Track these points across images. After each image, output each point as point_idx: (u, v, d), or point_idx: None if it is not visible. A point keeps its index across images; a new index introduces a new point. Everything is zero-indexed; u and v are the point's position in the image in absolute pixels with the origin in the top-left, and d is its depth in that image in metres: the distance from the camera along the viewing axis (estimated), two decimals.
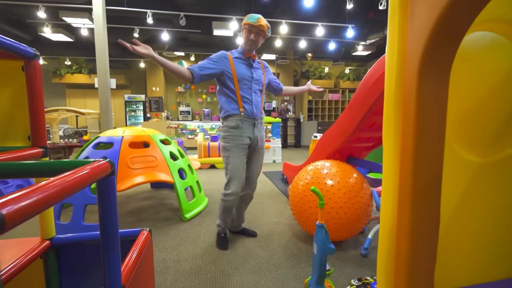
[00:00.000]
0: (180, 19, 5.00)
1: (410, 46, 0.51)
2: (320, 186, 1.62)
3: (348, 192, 1.57)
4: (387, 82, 0.59)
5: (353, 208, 1.56)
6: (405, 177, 0.56)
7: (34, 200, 0.39)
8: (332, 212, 1.56)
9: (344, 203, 1.55)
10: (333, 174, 1.65)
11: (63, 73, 8.66)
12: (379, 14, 6.06)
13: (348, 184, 1.60)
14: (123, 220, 2.28)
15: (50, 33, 6.01)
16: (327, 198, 1.58)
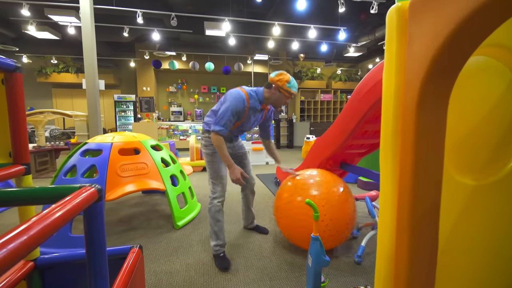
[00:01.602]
0: (171, 19, 4.91)
1: (409, 74, 0.50)
2: (304, 196, 1.60)
3: (332, 203, 1.55)
4: (384, 108, 0.58)
5: (336, 220, 1.54)
6: (403, 205, 0.55)
7: (15, 248, 0.36)
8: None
9: (324, 215, 1.52)
10: (318, 184, 1.64)
11: (49, 72, 8.39)
12: (370, 16, 6.12)
13: (333, 195, 1.58)
14: (112, 229, 2.22)
15: (34, 31, 5.79)
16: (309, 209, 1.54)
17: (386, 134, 0.58)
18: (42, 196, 0.66)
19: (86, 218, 0.67)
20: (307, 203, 1.22)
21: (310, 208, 1.50)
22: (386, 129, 0.57)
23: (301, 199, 1.59)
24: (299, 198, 1.60)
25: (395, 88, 0.52)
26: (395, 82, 0.52)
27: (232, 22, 5.40)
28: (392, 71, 0.52)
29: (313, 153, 2.17)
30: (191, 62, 7.78)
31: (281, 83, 1.57)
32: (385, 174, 0.60)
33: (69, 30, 5.65)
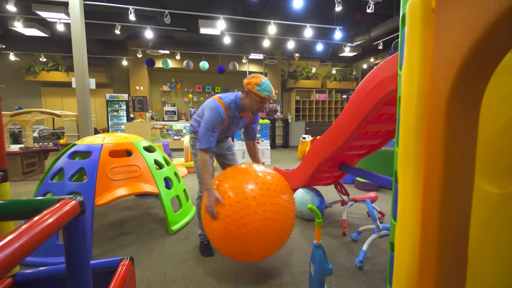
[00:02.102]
0: (164, 16, 4.79)
1: (437, 74, 0.44)
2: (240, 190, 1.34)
3: (270, 199, 1.33)
4: (405, 113, 0.51)
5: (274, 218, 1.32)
6: (429, 225, 0.49)
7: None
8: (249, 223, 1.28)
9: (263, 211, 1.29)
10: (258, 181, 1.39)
11: (37, 70, 8.14)
12: (365, 16, 6.12)
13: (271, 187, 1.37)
14: (103, 235, 2.13)
15: (22, 27, 5.59)
16: (246, 205, 1.29)
17: (407, 142, 0.51)
18: (15, 211, 0.58)
19: (66, 233, 0.59)
20: (310, 209, 1.16)
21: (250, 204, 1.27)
22: (407, 136, 0.51)
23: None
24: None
25: (418, 89, 0.46)
26: (418, 82, 0.46)
27: (227, 21, 5.30)
28: (415, 70, 0.46)
29: (312, 155, 2.12)
30: (185, 61, 7.66)
31: (250, 86, 1.47)
32: (405, 188, 0.54)
33: (58, 27, 5.47)
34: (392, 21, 5.70)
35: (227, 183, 1.42)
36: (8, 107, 8.58)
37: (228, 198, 1.36)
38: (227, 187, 1.40)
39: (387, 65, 1.34)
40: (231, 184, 1.40)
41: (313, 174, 2.19)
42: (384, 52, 7.91)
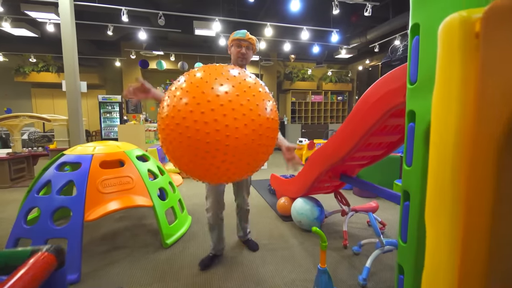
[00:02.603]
0: (158, 18, 4.67)
1: (484, 109, 0.37)
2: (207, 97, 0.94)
3: (246, 99, 0.99)
4: (436, 159, 0.44)
5: (254, 124, 0.98)
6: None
7: None
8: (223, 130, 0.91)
9: (243, 115, 0.95)
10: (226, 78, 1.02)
11: (27, 71, 7.91)
12: (362, 18, 6.09)
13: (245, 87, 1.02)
14: (94, 249, 2.02)
15: (10, 27, 5.40)
16: (220, 113, 0.92)
17: (440, 192, 0.44)
18: None
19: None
20: (314, 231, 1.08)
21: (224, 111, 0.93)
22: (439, 185, 0.44)
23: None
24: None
25: (456, 132, 0.39)
26: (456, 124, 0.39)
27: (223, 22, 5.21)
28: (452, 108, 0.39)
29: (311, 164, 2.05)
30: (180, 62, 7.53)
31: (229, 40, 1.59)
32: (437, 239, 0.47)
33: (48, 27, 5.30)
34: (388, 23, 5.69)
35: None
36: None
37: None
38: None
39: (393, 76, 1.28)
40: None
41: (312, 184, 2.12)
42: (380, 54, 7.93)
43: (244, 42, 1.52)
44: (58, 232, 1.65)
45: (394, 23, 5.52)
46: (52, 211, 1.69)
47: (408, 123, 1.11)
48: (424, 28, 1.00)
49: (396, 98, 1.26)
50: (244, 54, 1.53)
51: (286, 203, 2.57)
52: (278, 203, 2.65)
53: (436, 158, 0.47)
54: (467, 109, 0.38)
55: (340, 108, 10.13)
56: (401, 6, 5.45)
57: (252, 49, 1.57)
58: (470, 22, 0.38)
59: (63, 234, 1.64)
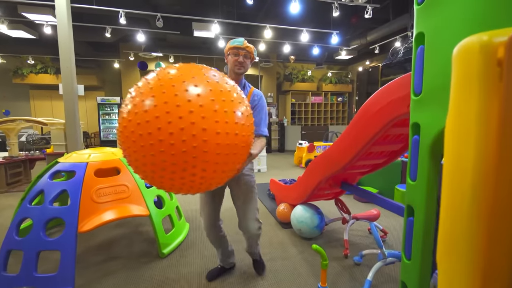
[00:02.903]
0: (157, 20, 4.63)
1: (505, 158, 0.32)
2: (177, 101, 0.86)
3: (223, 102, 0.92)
4: (451, 190, 0.40)
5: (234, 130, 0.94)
6: None
7: None
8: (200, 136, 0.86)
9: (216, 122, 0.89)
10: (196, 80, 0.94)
11: (25, 73, 7.86)
12: (362, 20, 6.05)
13: (222, 92, 0.95)
14: (90, 259, 1.97)
15: (7, 29, 5.36)
16: (191, 114, 0.85)
17: (456, 231, 0.39)
18: None
19: None
20: (315, 249, 1.04)
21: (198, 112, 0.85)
22: (455, 224, 0.39)
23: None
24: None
25: (476, 167, 0.35)
26: (477, 158, 0.34)
27: (222, 24, 5.17)
28: (471, 140, 0.35)
29: (311, 172, 2.00)
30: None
31: (225, 48, 1.51)
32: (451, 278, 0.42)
33: (46, 29, 5.25)
34: (388, 25, 5.64)
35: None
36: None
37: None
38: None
39: (397, 86, 1.24)
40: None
41: (312, 192, 2.08)
42: (380, 56, 7.88)
43: (242, 50, 1.44)
44: (50, 244, 1.60)
45: (394, 25, 5.48)
46: (45, 222, 1.64)
47: (413, 136, 1.06)
48: (429, 38, 0.96)
49: (399, 109, 1.21)
50: (242, 63, 1.44)
51: (286, 209, 2.52)
52: (278, 210, 2.60)
53: (451, 200, 0.42)
54: (488, 149, 0.33)
55: (340, 109, 10.08)
56: (401, 7, 5.41)
57: (250, 58, 1.48)
58: (491, 47, 0.33)
59: (56, 246, 1.60)
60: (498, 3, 0.76)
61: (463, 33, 0.84)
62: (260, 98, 1.48)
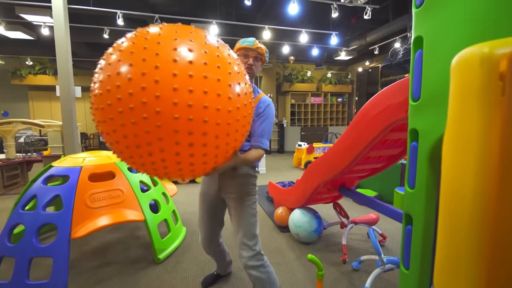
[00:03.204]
0: (155, 21, 4.60)
1: (507, 184, 0.29)
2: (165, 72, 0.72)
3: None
4: (447, 218, 0.37)
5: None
6: None
7: None
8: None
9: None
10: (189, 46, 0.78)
11: (24, 74, 7.83)
12: (361, 20, 6.02)
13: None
14: (85, 265, 1.94)
15: (5, 30, 5.34)
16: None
17: (455, 263, 0.36)
18: None
19: None
20: (310, 259, 1.01)
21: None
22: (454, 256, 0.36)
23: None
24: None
25: (477, 189, 0.32)
26: (477, 179, 0.31)
27: (220, 25, 5.14)
28: (471, 159, 0.32)
29: (309, 176, 1.97)
30: None
31: (234, 48, 1.31)
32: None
33: (43, 30, 5.23)
34: (388, 26, 5.61)
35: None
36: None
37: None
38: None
39: (395, 90, 1.21)
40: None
41: (310, 196, 2.05)
42: (380, 56, 7.86)
43: (252, 52, 1.26)
44: (42, 251, 1.57)
45: (394, 26, 5.45)
46: (37, 228, 1.61)
47: (411, 142, 1.04)
48: (428, 42, 0.93)
49: (397, 113, 1.18)
50: (252, 65, 1.25)
51: (284, 213, 2.49)
52: (276, 213, 2.57)
53: (449, 230, 0.39)
54: (489, 169, 0.30)
55: (340, 110, 10.06)
56: (401, 8, 5.38)
57: (261, 60, 1.30)
58: (493, 59, 0.30)
59: (48, 253, 1.57)
60: (500, 6, 0.73)
61: (464, 37, 0.81)
62: (267, 106, 1.27)
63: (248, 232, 1.25)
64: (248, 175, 1.31)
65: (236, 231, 1.27)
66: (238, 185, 1.29)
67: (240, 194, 1.29)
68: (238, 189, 1.29)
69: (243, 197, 1.29)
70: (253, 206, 1.30)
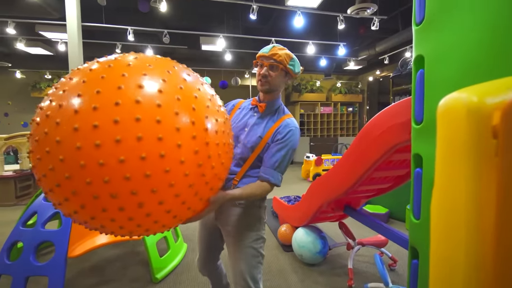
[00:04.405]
0: (163, 36, 4.73)
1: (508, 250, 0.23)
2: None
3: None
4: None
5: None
6: None
7: None
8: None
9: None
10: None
11: (43, 87, 8.21)
12: (370, 30, 5.95)
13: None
14: (81, 283, 1.92)
15: (25, 47, 5.65)
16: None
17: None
18: None
19: None
20: None
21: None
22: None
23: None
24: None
25: (469, 267, 0.25)
26: (468, 255, 0.25)
27: (228, 39, 5.22)
28: (461, 231, 0.26)
29: (311, 196, 1.89)
30: (233, 78, 7.65)
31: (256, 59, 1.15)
32: None
33: (61, 46, 5.49)
34: (397, 35, 5.52)
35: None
36: (14, 122, 8.71)
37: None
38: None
39: (399, 109, 1.14)
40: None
41: (314, 215, 1.95)
42: (390, 65, 7.71)
43: (267, 59, 1.06)
44: (39, 270, 1.56)
45: (404, 35, 5.35)
46: (36, 246, 1.61)
47: (415, 168, 0.96)
48: (429, 61, 0.86)
49: (401, 135, 1.11)
50: (266, 76, 1.06)
51: (288, 231, 2.40)
52: (279, 231, 2.48)
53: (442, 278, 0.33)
54: (482, 244, 0.24)
55: (351, 120, 9.88)
56: (410, 18, 5.28)
57: (285, 70, 1.08)
58: (483, 111, 0.24)
59: (44, 272, 1.55)
60: (508, 24, 0.66)
61: (468, 58, 0.75)
62: (289, 132, 1.05)
63: (247, 274, 1.03)
64: (251, 205, 1.07)
65: (232, 273, 1.08)
66: (236, 217, 1.06)
67: (238, 229, 1.06)
68: (236, 222, 1.06)
69: (242, 233, 1.06)
70: (256, 244, 1.07)
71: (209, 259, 1.33)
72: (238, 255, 1.06)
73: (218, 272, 1.47)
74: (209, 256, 1.31)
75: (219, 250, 1.34)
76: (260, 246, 1.09)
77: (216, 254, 1.35)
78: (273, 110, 1.13)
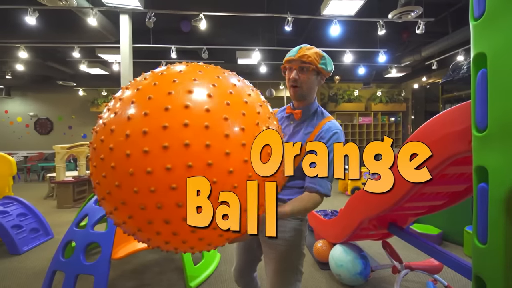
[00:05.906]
0: (202, 52, 5.02)
1: None
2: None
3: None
4: None
5: None
6: None
7: None
8: None
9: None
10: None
11: (100, 103, 9.27)
12: (414, 35, 5.57)
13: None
14: (121, 285, 2.02)
15: (87, 68, 6.48)
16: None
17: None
18: None
19: None
20: None
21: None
22: None
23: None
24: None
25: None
26: None
27: (263, 52, 5.33)
28: None
29: (350, 211, 1.76)
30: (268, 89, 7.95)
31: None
32: None
33: (115, 66, 6.18)
34: (447, 38, 5.05)
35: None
36: (76, 134, 9.93)
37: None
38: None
39: (454, 115, 1.01)
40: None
41: (353, 232, 1.81)
42: (438, 71, 7.07)
43: (295, 62, 1.00)
44: (87, 268, 1.68)
45: (454, 38, 4.88)
46: (85, 246, 1.75)
47: (478, 183, 0.82)
48: (493, 59, 0.75)
49: (457, 145, 0.97)
50: (296, 80, 1.00)
51: (324, 247, 2.26)
52: (315, 247, 2.34)
53: None
54: None
55: (393, 130, 9.20)
56: (461, 18, 4.82)
57: (317, 70, 1.00)
58: None
59: (91, 271, 1.67)
60: None
61: None
62: (333, 135, 0.97)
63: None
64: (293, 217, 1.01)
65: (269, 283, 1.05)
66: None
67: (279, 243, 1.01)
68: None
69: (283, 247, 1.00)
70: (296, 261, 1.03)
71: (246, 269, 1.30)
72: (277, 271, 1.02)
73: (254, 285, 1.42)
74: (246, 266, 1.28)
75: (257, 261, 1.30)
76: (300, 263, 1.04)
77: (254, 265, 1.31)
78: (311, 115, 1.06)
